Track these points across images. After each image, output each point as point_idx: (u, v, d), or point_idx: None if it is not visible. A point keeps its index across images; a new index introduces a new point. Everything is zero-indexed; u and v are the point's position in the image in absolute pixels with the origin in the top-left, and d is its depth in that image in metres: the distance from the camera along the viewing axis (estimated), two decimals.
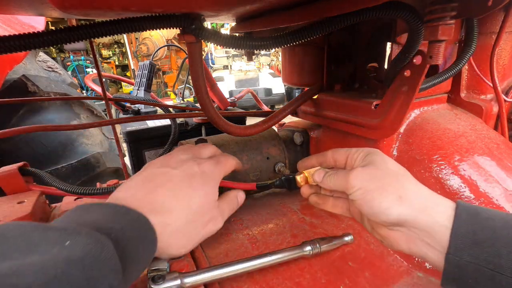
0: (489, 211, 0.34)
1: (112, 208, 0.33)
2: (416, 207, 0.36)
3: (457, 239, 0.33)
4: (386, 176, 0.39)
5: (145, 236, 0.34)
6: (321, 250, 0.48)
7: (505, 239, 0.31)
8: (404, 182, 0.39)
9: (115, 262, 0.26)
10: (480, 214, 0.33)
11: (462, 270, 0.32)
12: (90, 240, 0.25)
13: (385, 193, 0.37)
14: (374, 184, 0.38)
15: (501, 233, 0.31)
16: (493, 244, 0.31)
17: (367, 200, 0.38)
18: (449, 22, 0.40)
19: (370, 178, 0.39)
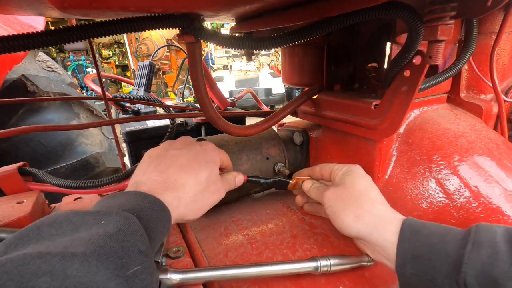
0: (429, 229, 0.39)
1: (133, 194, 0.39)
2: (369, 225, 0.45)
3: (401, 255, 0.39)
4: (350, 197, 0.49)
5: (162, 215, 0.40)
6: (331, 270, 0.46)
7: (439, 253, 0.36)
8: (363, 203, 0.47)
9: (141, 233, 0.32)
10: (420, 232, 0.39)
11: (408, 281, 0.39)
12: (120, 218, 0.32)
13: (346, 212, 0.47)
14: (339, 205, 0.48)
15: (436, 248, 0.37)
16: (430, 259, 0.37)
17: (334, 217, 0.49)
18: (449, 22, 0.40)
19: (337, 198, 0.49)
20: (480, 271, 0.32)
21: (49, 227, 0.29)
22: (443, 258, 0.35)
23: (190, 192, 0.46)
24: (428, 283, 0.36)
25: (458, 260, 0.34)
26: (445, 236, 0.37)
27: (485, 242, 0.34)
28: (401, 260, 0.39)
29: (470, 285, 0.33)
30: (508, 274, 0.31)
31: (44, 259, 0.23)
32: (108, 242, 0.28)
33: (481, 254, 0.33)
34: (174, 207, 0.43)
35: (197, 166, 0.49)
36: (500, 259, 0.32)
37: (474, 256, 0.33)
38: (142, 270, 0.29)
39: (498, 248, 0.33)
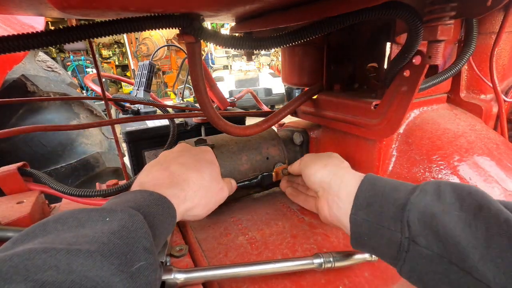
0: (387, 181, 0.42)
1: (139, 192, 0.40)
2: (333, 171, 0.50)
3: (357, 201, 0.42)
4: (322, 155, 0.57)
5: (167, 212, 0.40)
6: (335, 266, 0.46)
7: (389, 199, 0.38)
8: (334, 158, 0.55)
9: (145, 230, 0.33)
10: (378, 182, 0.42)
11: (359, 227, 0.41)
12: (124, 215, 0.32)
13: (317, 162, 0.54)
14: (312, 159, 0.56)
15: (388, 195, 0.39)
16: (381, 204, 0.39)
17: (305, 167, 0.55)
18: (449, 22, 0.40)
19: (312, 157, 0.58)
20: (422, 210, 0.35)
21: (55, 223, 0.30)
22: (391, 202, 0.38)
23: (194, 186, 0.47)
24: (376, 227, 0.38)
25: (404, 203, 0.36)
26: (398, 186, 0.40)
27: (431, 190, 0.36)
28: (356, 207, 0.41)
29: (411, 222, 0.35)
30: (445, 211, 0.33)
31: (50, 253, 0.24)
32: (112, 239, 0.28)
33: (426, 198, 0.35)
34: (180, 201, 0.44)
35: (199, 164, 0.51)
36: (441, 199, 0.34)
37: (419, 199, 0.36)
38: (146, 266, 0.30)
39: (442, 193, 0.35)
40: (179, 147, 0.57)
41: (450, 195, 0.35)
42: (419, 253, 0.34)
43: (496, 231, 0.29)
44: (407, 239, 0.35)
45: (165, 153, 0.54)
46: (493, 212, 0.31)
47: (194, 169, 0.50)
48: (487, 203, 0.32)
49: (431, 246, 0.33)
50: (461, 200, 0.34)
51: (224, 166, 0.63)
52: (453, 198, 0.34)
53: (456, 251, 0.31)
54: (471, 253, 0.30)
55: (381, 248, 0.39)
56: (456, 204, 0.33)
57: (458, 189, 0.35)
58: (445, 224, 0.32)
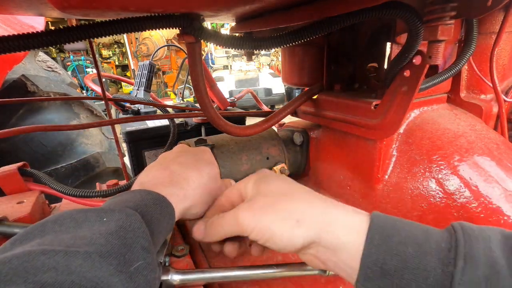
0: (404, 231, 0.30)
1: (137, 192, 0.40)
2: (316, 226, 0.33)
3: (366, 268, 0.29)
4: (275, 202, 0.36)
5: (166, 211, 0.40)
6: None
7: (415, 270, 0.27)
8: (296, 202, 0.36)
9: (143, 229, 0.32)
10: (393, 237, 0.29)
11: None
12: (122, 215, 0.32)
13: (281, 223, 0.34)
14: (266, 218, 0.35)
15: (412, 263, 0.27)
16: (402, 276, 0.27)
17: (268, 238, 0.35)
18: (449, 22, 0.40)
19: (259, 212, 0.35)
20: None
21: (53, 223, 0.30)
22: (422, 276, 0.27)
23: (194, 185, 0.47)
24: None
25: (444, 283, 0.26)
26: (424, 243, 0.28)
27: (480, 257, 0.26)
28: (365, 275, 0.29)
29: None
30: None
31: (48, 255, 0.24)
32: (110, 240, 0.28)
33: (477, 275, 0.25)
34: (180, 199, 0.44)
35: (198, 164, 0.51)
36: (501, 280, 0.24)
37: (468, 278, 0.25)
38: (145, 265, 0.30)
39: (497, 264, 0.25)
40: (178, 148, 0.58)
41: (509, 267, 0.25)
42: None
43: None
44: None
45: (165, 154, 0.54)
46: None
47: (193, 168, 0.50)
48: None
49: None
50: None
51: (224, 166, 0.63)
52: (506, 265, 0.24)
53: None
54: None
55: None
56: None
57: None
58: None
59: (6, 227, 0.51)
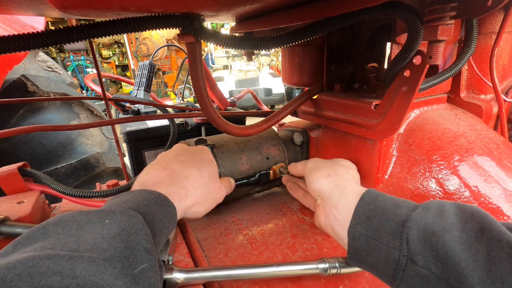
0: (389, 197, 0.41)
1: (138, 192, 0.40)
2: (335, 182, 0.48)
3: (356, 215, 0.40)
4: (327, 163, 0.55)
5: (167, 211, 0.40)
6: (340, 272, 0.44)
7: (390, 215, 0.37)
8: (338, 168, 0.52)
9: (145, 231, 0.32)
10: (380, 197, 0.41)
11: (356, 242, 0.39)
12: (124, 217, 0.32)
13: (321, 170, 0.52)
14: (317, 165, 0.54)
15: (389, 211, 0.38)
16: (380, 219, 0.37)
17: (309, 174, 0.54)
18: (449, 22, 0.40)
19: (317, 163, 0.55)
20: (423, 228, 0.33)
21: (55, 226, 0.30)
22: (392, 218, 0.37)
23: (194, 183, 0.48)
24: (374, 242, 0.37)
25: (405, 220, 0.35)
26: (400, 203, 0.39)
27: (434, 208, 0.35)
28: (355, 221, 0.40)
29: (410, 240, 0.34)
30: (447, 230, 0.32)
31: (53, 260, 0.24)
32: (113, 244, 0.28)
33: (427, 216, 0.34)
34: (181, 198, 0.45)
35: (198, 162, 0.51)
36: (444, 217, 0.33)
37: (420, 216, 0.35)
38: (148, 268, 0.30)
39: (445, 212, 0.34)
40: (177, 147, 0.58)
41: (453, 215, 0.33)
42: (416, 272, 0.33)
43: (497, 254, 0.28)
44: (405, 257, 0.34)
45: (164, 154, 0.54)
46: (494, 234, 0.30)
47: (194, 167, 0.50)
48: (489, 225, 0.31)
49: (429, 266, 0.32)
50: (463, 221, 0.32)
51: (224, 166, 0.63)
52: (456, 218, 0.33)
53: (455, 273, 0.30)
54: (470, 276, 0.29)
55: (378, 265, 0.37)
56: (458, 225, 0.32)
57: (461, 210, 0.34)
58: (445, 244, 0.31)
59: (8, 227, 0.51)
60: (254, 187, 0.70)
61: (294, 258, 0.52)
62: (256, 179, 0.67)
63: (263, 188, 0.73)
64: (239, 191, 0.67)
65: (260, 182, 0.68)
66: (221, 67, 7.95)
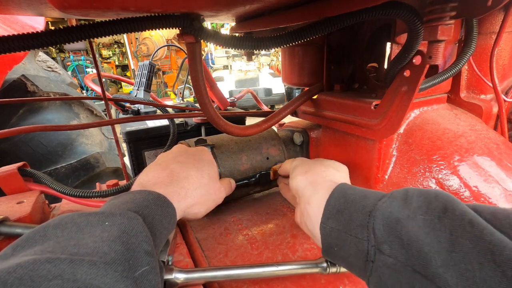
0: (359, 189, 0.40)
1: (138, 193, 0.40)
2: (309, 179, 0.47)
3: (326, 210, 0.40)
4: (310, 162, 0.54)
5: (167, 211, 0.40)
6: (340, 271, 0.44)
7: (358, 207, 0.37)
8: (317, 165, 0.51)
9: (146, 233, 0.32)
10: (350, 191, 0.40)
11: (328, 237, 0.39)
12: (124, 219, 0.32)
13: (299, 168, 0.52)
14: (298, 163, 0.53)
15: (357, 203, 0.38)
16: (349, 212, 0.37)
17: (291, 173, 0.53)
18: (449, 22, 0.40)
19: (302, 161, 0.55)
20: (387, 216, 0.33)
21: (55, 228, 0.30)
22: (360, 209, 0.37)
23: (194, 183, 0.48)
24: (344, 236, 0.37)
25: (371, 210, 0.35)
26: (369, 194, 0.38)
27: (399, 196, 0.35)
28: (326, 216, 0.40)
29: (376, 229, 0.34)
30: (410, 216, 0.32)
31: (54, 263, 0.24)
32: (113, 246, 0.28)
33: (393, 204, 0.34)
34: (181, 198, 0.45)
35: (198, 163, 0.51)
36: (407, 204, 0.33)
37: (386, 205, 0.35)
38: (149, 270, 0.30)
39: (408, 198, 0.34)
40: (176, 148, 0.58)
41: (416, 199, 0.33)
42: (384, 262, 0.32)
43: (460, 234, 0.28)
44: (373, 247, 0.34)
45: (163, 154, 0.54)
46: (457, 213, 0.29)
47: (193, 167, 0.50)
48: (452, 205, 0.30)
49: (395, 254, 0.31)
50: (427, 203, 0.32)
51: (224, 166, 0.63)
52: (419, 202, 0.33)
53: (419, 258, 0.29)
54: (433, 259, 0.28)
55: (350, 259, 0.37)
56: (422, 208, 0.32)
57: (425, 193, 0.34)
58: (409, 230, 0.31)
59: (8, 228, 0.51)
60: (254, 187, 0.70)
61: (294, 258, 0.52)
62: (256, 179, 0.67)
63: (263, 188, 0.73)
64: (239, 191, 0.67)
65: (260, 182, 0.68)
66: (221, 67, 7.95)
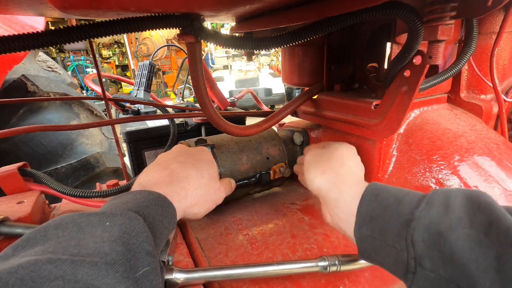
0: (389, 191, 0.39)
1: (138, 193, 0.40)
2: (331, 180, 0.47)
3: (359, 216, 0.39)
4: (325, 154, 0.53)
5: (167, 211, 0.40)
6: (340, 270, 0.44)
7: (393, 214, 0.36)
8: (333, 161, 0.51)
9: (146, 233, 0.32)
10: (380, 195, 0.39)
11: (364, 243, 0.39)
12: (124, 219, 0.32)
13: (317, 166, 0.51)
14: (314, 160, 0.53)
15: (392, 209, 0.36)
16: (383, 219, 0.36)
17: (306, 172, 0.53)
18: (449, 22, 0.40)
19: (316, 155, 0.54)
20: (427, 227, 0.32)
21: (55, 228, 0.30)
22: (395, 218, 0.35)
23: (194, 183, 0.48)
24: (380, 244, 0.36)
25: (409, 219, 0.34)
26: (402, 198, 0.37)
27: (438, 201, 0.33)
28: (359, 222, 0.39)
29: (415, 242, 0.32)
30: (452, 227, 0.30)
31: (55, 264, 0.24)
32: (114, 247, 0.28)
33: (432, 212, 0.32)
34: (181, 198, 0.45)
35: (198, 163, 0.51)
36: (449, 214, 0.31)
37: (424, 213, 0.33)
38: (150, 271, 0.30)
39: (450, 205, 0.32)
40: (176, 148, 0.58)
41: (459, 208, 0.31)
42: (426, 276, 0.31)
43: (507, 251, 0.26)
44: (413, 259, 0.32)
45: (163, 154, 0.54)
46: (503, 228, 0.27)
47: (193, 167, 0.50)
48: (497, 218, 0.28)
49: (437, 269, 0.30)
50: (471, 215, 0.30)
51: (224, 166, 0.63)
52: (462, 211, 0.30)
53: (465, 276, 0.28)
54: (481, 278, 0.26)
55: (389, 265, 0.36)
56: (465, 219, 0.30)
57: (468, 200, 0.31)
58: (452, 244, 0.29)
59: (8, 227, 0.51)
60: (254, 187, 0.70)
61: (294, 258, 0.52)
62: (256, 179, 0.67)
63: (263, 188, 0.73)
64: (239, 191, 0.67)
65: (260, 182, 0.68)
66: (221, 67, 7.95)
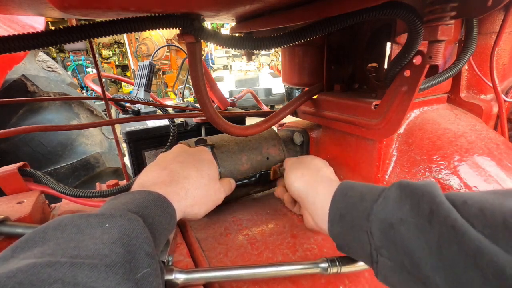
0: (359, 189, 0.41)
1: (137, 193, 0.40)
2: (308, 182, 0.50)
3: (331, 214, 0.42)
4: (303, 163, 0.56)
5: (167, 212, 0.40)
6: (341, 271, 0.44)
7: (359, 209, 0.38)
8: (311, 166, 0.54)
9: (146, 235, 0.32)
10: (350, 191, 0.42)
11: (337, 239, 0.42)
12: (124, 220, 0.32)
13: (295, 171, 0.54)
14: (293, 166, 0.56)
15: (356, 206, 0.39)
16: (351, 215, 0.39)
17: (286, 175, 0.56)
18: (449, 22, 0.40)
19: (294, 162, 0.58)
20: (382, 220, 0.35)
21: (54, 230, 0.30)
22: (360, 213, 0.38)
23: (194, 183, 0.48)
24: (351, 238, 0.39)
25: (369, 213, 0.37)
26: (365, 194, 0.39)
27: (392, 197, 0.36)
28: (331, 220, 0.42)
29: (374, 234, 0.35)
30: (403, 219, 0.33)
31: (54, 267, 0.24)
32: (114, 249, 0.28)
33: (387, 206, 0.35)
34: (181, 198, 0.45)
35: (197, 163, 0.51)
36: (401, 206, 0.34)
37: (381, 207, 0.36)
38: (150, 272, 0.30)
39: (402, 198, 0.34)
40: (176, 148, 0.58)
41: (407, 200, 0.34)
42: (385, 264, 0.34)
43: (446, 238, 0.28)
44: (375, 250, 0.35)
45: (163, 155, 0.54)
46: (441, 217, 0.30)
47: (193, 167, 0.50)
48: (437, 206, 0.31)
49: (392, 257, 0.33)
50: (417, 205, 0.33)
51: (224, 166, 0.63)
52: (411, 203, 0.33)
53: (413, 262, 0.31)
54: (423, 263, 0.30)
55: (362, 258, 0.39)
56: (414, 210, 0.33)
57: (414, 191, 0.34)
58: (402, 234, 0.32)
59: (8, 228, 0.51)
60: (254, 187, 0.70)
61: (294, 258, 0.52)
62: (256, 179, 0.67)
63: (263, 188, 0.73)
64: (239, 191, 0.67)
65: (260, 182, 0.68)
66: (221, 67, 7.95)
